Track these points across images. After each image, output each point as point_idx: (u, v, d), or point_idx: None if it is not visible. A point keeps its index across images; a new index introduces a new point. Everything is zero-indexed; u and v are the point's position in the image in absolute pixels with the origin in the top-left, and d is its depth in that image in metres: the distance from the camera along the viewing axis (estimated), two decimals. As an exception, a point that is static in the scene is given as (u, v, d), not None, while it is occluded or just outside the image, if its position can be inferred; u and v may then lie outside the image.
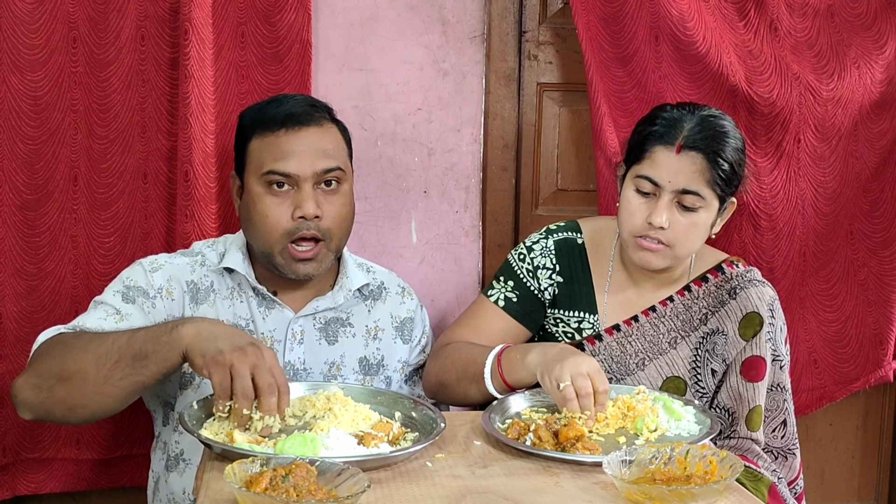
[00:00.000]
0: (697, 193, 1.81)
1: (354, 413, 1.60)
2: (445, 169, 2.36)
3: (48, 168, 2.10)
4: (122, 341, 1.60)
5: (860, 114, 2.36)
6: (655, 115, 1.89)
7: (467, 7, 2.32)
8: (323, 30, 2.24)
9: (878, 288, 2.46)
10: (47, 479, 2.20)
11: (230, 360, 1.48)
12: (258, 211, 1.80)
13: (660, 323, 1.96)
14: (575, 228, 2.05)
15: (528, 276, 2.01)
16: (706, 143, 1.82)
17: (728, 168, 1.83)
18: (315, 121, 1.82)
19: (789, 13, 2.31)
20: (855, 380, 2.50)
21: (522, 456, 1.52)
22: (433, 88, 2.32)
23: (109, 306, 1.80)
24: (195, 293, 1.86)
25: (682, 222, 1.83)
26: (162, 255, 1.93)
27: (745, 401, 1.93)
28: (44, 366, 1.64)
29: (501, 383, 1.78)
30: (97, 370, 1.59)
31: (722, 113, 1.91)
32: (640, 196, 1.85)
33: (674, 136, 1.83)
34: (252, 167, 1.82)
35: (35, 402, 1.64)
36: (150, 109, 2.14)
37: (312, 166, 1.79)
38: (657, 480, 1.34)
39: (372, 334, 1.97)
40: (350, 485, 1.28)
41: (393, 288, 2.02)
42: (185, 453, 1.86)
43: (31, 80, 2.06)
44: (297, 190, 1.79)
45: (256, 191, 1.80)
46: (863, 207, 2.44)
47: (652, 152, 1.84)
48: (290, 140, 1.79)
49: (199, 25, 2.05)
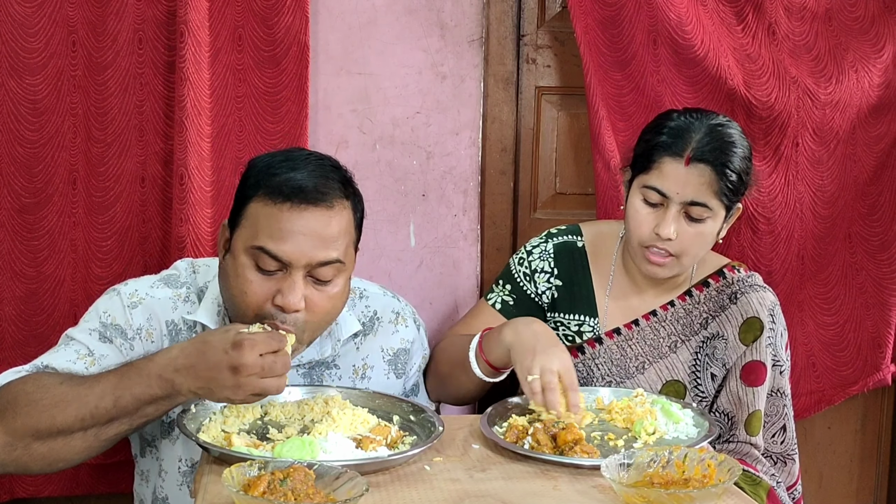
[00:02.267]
0: (705, 205, 1.82)
1: (352, 417, 1.60)
2: (444, 172, 2.36)
3: (47, 171, 2.10)
4: (108, 403, 1.49)
5: (858, 117, 2.36)
6: (662, 124, 1.88)
7: (466, 11, 2.32)
8: (321, 33, 2.24)
9: (876, 291, 2.46)
10: (45, 483, 2.19)
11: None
12: (238, 284, 1.59)
13: (660, 327, 1.97)
14: (576, 232, 2.05)
15: (525, 280, 2.02)
16: (715, 154, 1.81)
17: (736, 178, 1.83)
18: (325, 200, 1.59)
19: (787, 17, 2.32)
20: (853, 383, 2.50)
21: (521, 459, 1.52)
22: (432, 92, 2.32)
23: (82, 346, 1.65)
24: (175, 335, 1.71)
25: (689, 232, 1.84)
26: (143, 281, 1.75)
27: (745, 405, 1.93)
28: (15, 424, 1.51)
29: (486, 365, 1.77)
30: (83, 432, 1.51)
31: (729, 120, 1.91)
32: (648, 206, 1.85)
33: (682, 147, 1.82)
34: (245, 232, 1.60)
35: (7, 461, 1.53)
36: (148, 113, 2.13)
37: (308, 255, 1.57)
38: (655, 484, 1.34)
39: (360, 373, 1.82)
40: (348, 488, 1.28)
41: (386, 316, 1.85)
42: (170, 500, 1.74)
43: (30, 83, 2.06)
44: (286, 275, 1.57)
45: (242, 261, 1.59)
46: (861, 211, 2.44)
47: (660, 163, 1.83)
48: (291, 219, 1.57)
49: (196, 28, 2.04)
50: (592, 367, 1.96)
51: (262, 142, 2.18)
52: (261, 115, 2.17)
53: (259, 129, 2.17)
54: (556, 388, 1.60)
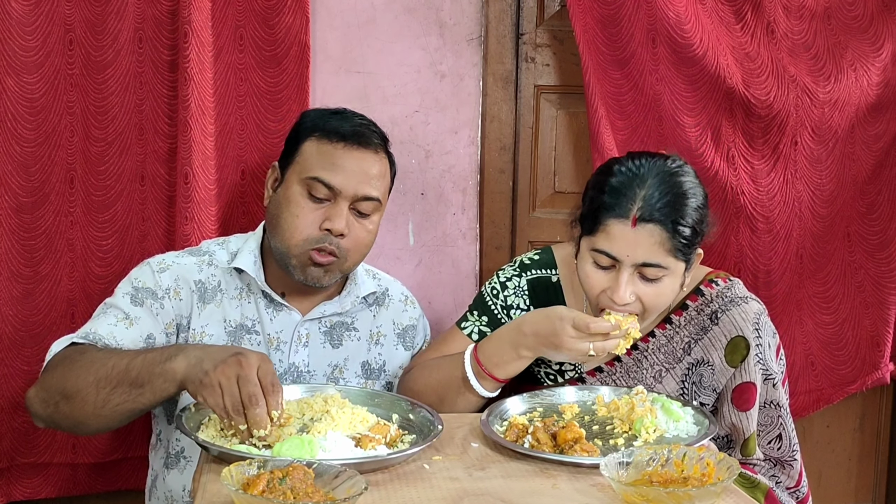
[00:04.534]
0: (659, 265, 1.71)
1: (352, 415, 1.59)
2: (443, 171, 2.35)
3: (44, 170, 2.10)
4: (122, 366, 1.60)
5: (857, 116, 2.36)
6: (604, 181, 1.75)
7: (464, 9, 2.32)
8: (321, 32, 2.24)
9: (874, 290, 2.46)
10: (43, 484, 2.19)
11: (216, 379, 1.47)
12: (290, 210, 1.82)
13: (643, 358, 1.90)
14: (549, 264, 1.97)
15: (503, 313, 1.96)
16: (664, 212, 1.69)
17: (690, 233, 1.71)
18: (374, 146, 1.85)
19: (786, 16, 2.32)
20: (852, 382, 2.50)
21: (520, 458, 1.52)
22: (430, 91, 2.32)
23: (119, 310, 1.80)
24: (203, 293, 1.87)
25: (648, 293, 1.73)
26: (169, 254, 1.92)
27: (741, 431, 1.88)
28: (51, 381, 1.67)
29: (490, 380, 1.76)
30: (97, 393, 1.60)
31: (680, 164, 1.77)
32: (600, 269, 1.74)
33: (627, 208, 1.69)
34: (299, 167, 1.84)
35: (44, 415, 1.69)
36: (148, 112, 2.13)
37: (356, 188, 1.81)
38: (654, 482, 1.34)
39: (375, 339, 1.98)
40: (347, 487, 1.28)
41: (396, 296, 2.04)
42: (186, 451, 1.87)
43: (28, 82, 2.06)
44: (333, 204, 1.81)
45: (295, 189, 1.82)
46: (860, 210, 2.44)
47: (606, 225, 1.71)
48: (345, 155, 1.82)
49: (199, 28, 2.05)
50: None
51: (264, 140, 2.18)
52: (262, 114, 2.18)
53: (261, 127, 2.18)
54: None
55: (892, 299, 2.46)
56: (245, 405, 1.45)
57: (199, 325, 1.86)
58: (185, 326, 1.85)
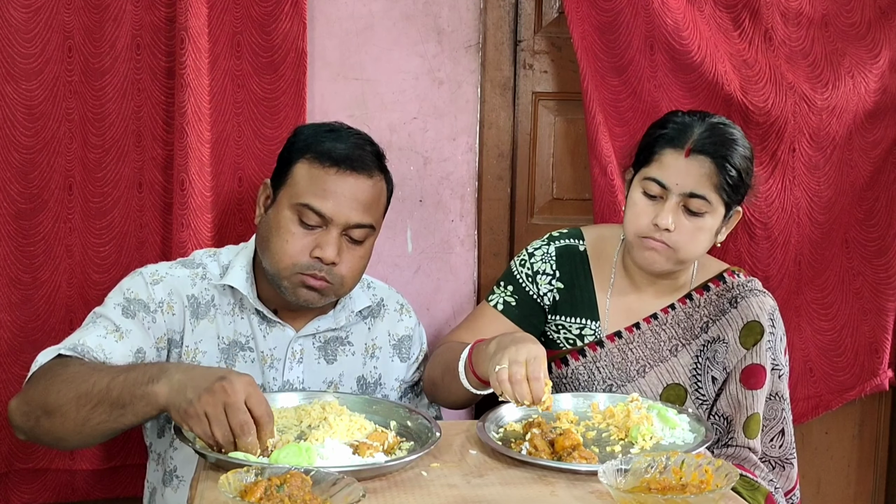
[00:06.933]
0: (704, 197, 1.83)
1: (349, 423, 1.60)
2: (441, 178, 2.36)
3: (43, 177, 2.10)
4: (103, 385, 1.56)
5: (854, 123, 2.36)
6: (667, 119, 1.92)
7: (462, 16, 2.32)
8: (318, 39, 2.25)
9: (873, 296, 2.46)
10: (41, 490, 2.19)
11: (201, 409, 1.44)
12: (280, 235, 1.78)
13: (661, 330, 1.97)
14: (577, 236, 2.06)
15: (528, 281, 2.02)
16: (715, 147, 1.83)
17: (735, 174, 1.84)
18: (367, 170, 1.80)
19: (784, 23, 2.32)
20: (850, 388, 2.51)
21: (518, 465, 1.52)
22: (428, 97, 2.32)
23: (109, 322, 1.76)
24: (195, 308, 1.84)
25: (687, 226, 1.85)
26: (162, 264, 1.90)
27: (744, 408, 1.94)
28: (33, 394, 1.63)
29: (473, 377, 1.76)
30: (77, 410, 1.57)
31: (732, 122, 1.93)
32: (647, 198, 1.87)
33: (683, 139, 1.84)
34: (290, 189, 1.79)
35: (25, 428, 1.66)
36: (146, 118, 2.13)
37: (348, 216, 1.77)
38: (653, 490, 1.34)
39: (370, 352, 1.96)
40: (345, 494, 1.28)
41: (391, 305, 2.01)
42: (179, 470, 1.85)
43: (26, 89, 2.06)
44: (325, 231, 1.77)
45: (286, 214, 1.78)
46: (857, 216, 2.45)
47: (661, 155, 1.85)
48: (337, 181, 1.77)
49: (196, 35, 2.05)
50: (594, 371, 1.97)
51: (261, 147, 2.18)
52: (259, 121, 2.18)
53: (258, 134, 2.18)
54: (521, 379, 1.58)
55: (890, 306, 2.46)
56: (235, 434, 1.43)
57: (193, 342, 1.83)
58: (178, 342, 1.83)
